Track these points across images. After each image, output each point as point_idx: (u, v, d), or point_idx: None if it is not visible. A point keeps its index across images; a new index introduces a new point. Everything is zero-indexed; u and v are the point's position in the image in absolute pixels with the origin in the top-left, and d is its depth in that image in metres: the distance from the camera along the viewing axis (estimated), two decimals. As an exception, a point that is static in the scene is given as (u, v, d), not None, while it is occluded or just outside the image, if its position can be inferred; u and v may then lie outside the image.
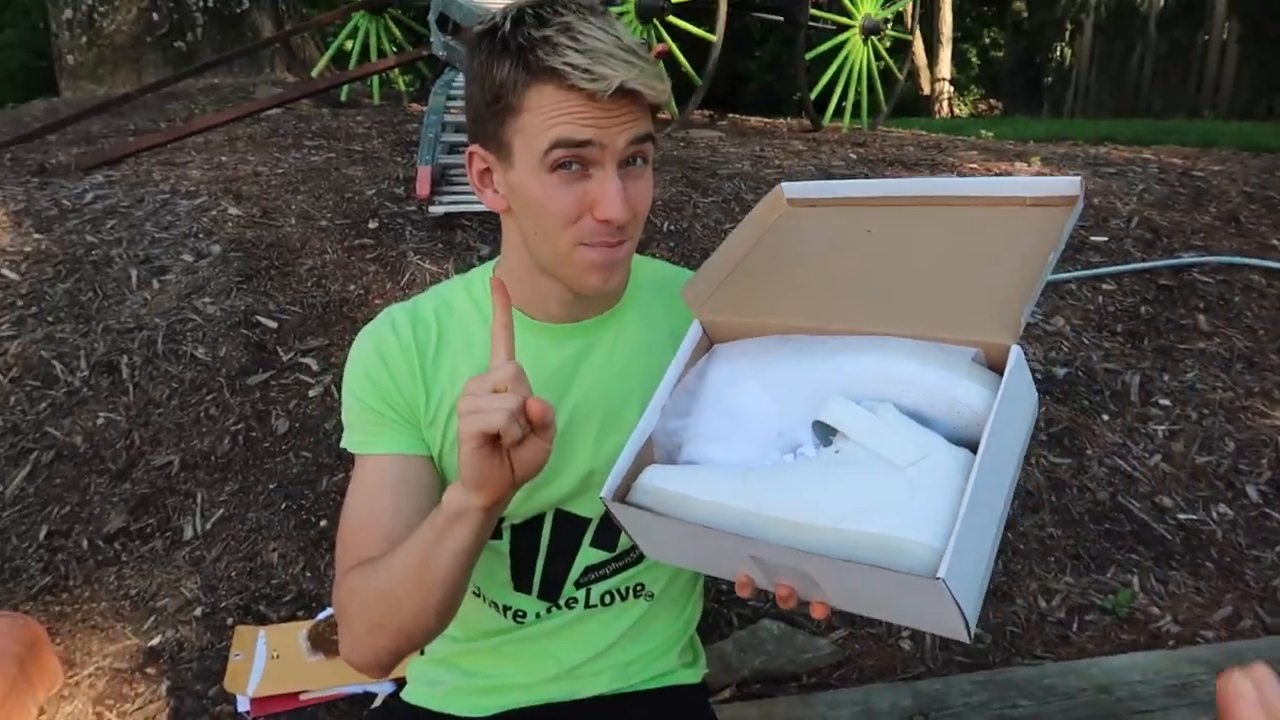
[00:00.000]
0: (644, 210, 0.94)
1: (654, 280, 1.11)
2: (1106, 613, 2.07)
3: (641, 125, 0.89)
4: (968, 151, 4.41)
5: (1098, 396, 2.68)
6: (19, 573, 2.02)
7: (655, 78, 0.87)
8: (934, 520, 0.71)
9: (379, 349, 1.02)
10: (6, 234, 2.93)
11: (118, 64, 6.12)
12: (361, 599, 0.92)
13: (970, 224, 0.92)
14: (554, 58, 0.84)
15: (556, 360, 1.02)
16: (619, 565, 1.12)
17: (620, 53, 0.85)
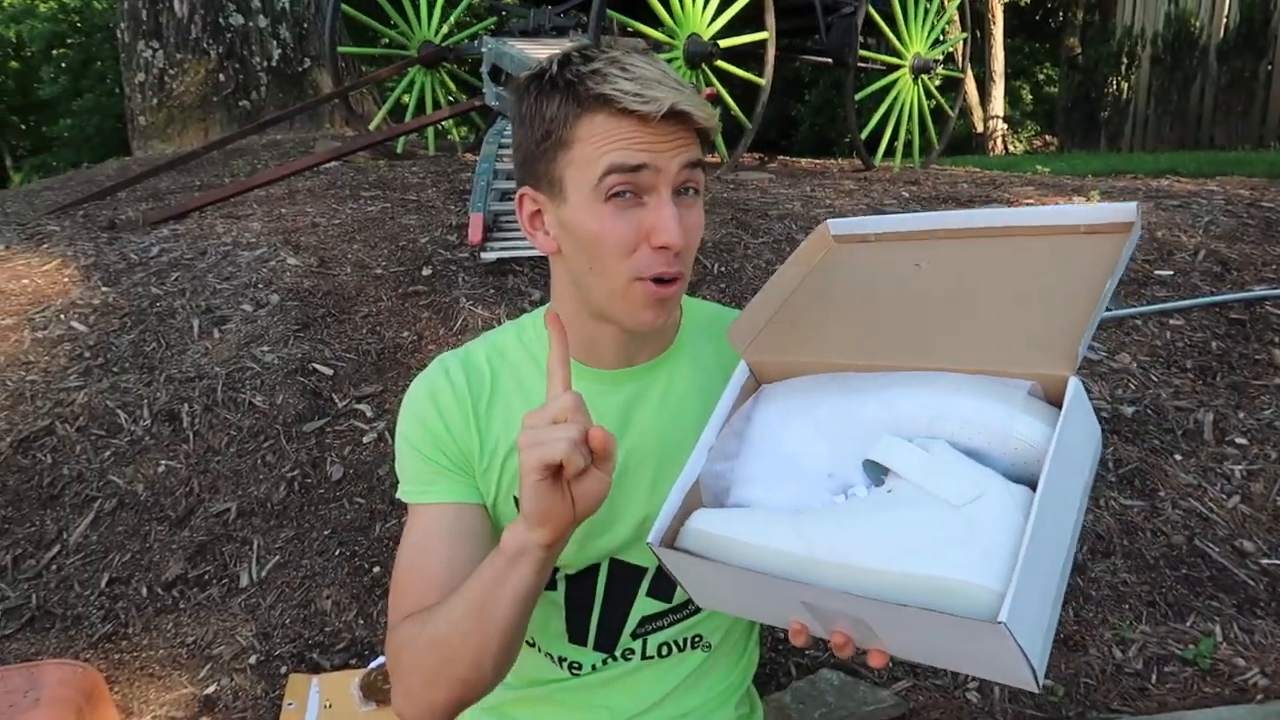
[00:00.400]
0: (696, 242, 0.93)
1: (704, 322, 1.10)
2: (1187, 664, 1.97)
3: (693, 150, 0.90)
4: (1024, 187, 4.34)
5: (1169, 436, 2.58)
6: (80, 620, 2.05)
7: (703, 104, 0.88)
8: (994, 561, 0.68)
9: (433, 396, 1.01)
10: (77, 287, 3.03)
11: (186, 123, 6.36)
12: (415, 650, 0.89)
13: (1023, 254, 0.90)
14: (604, 85, 0.85)
15: (609, 407, 1.01)
16: (676, 617, 1.09)
17: (668, 80, 0.87)
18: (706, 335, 1.08)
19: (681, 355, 1.06)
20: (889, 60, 5.38)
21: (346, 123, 6.20)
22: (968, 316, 0.86)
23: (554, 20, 4.69)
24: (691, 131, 0.89)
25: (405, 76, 5.35)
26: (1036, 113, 15.43)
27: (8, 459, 2.38)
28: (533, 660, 1.11)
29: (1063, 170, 5.89)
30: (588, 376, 1.00)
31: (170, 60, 6.29)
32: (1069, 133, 10.95)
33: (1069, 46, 14.16)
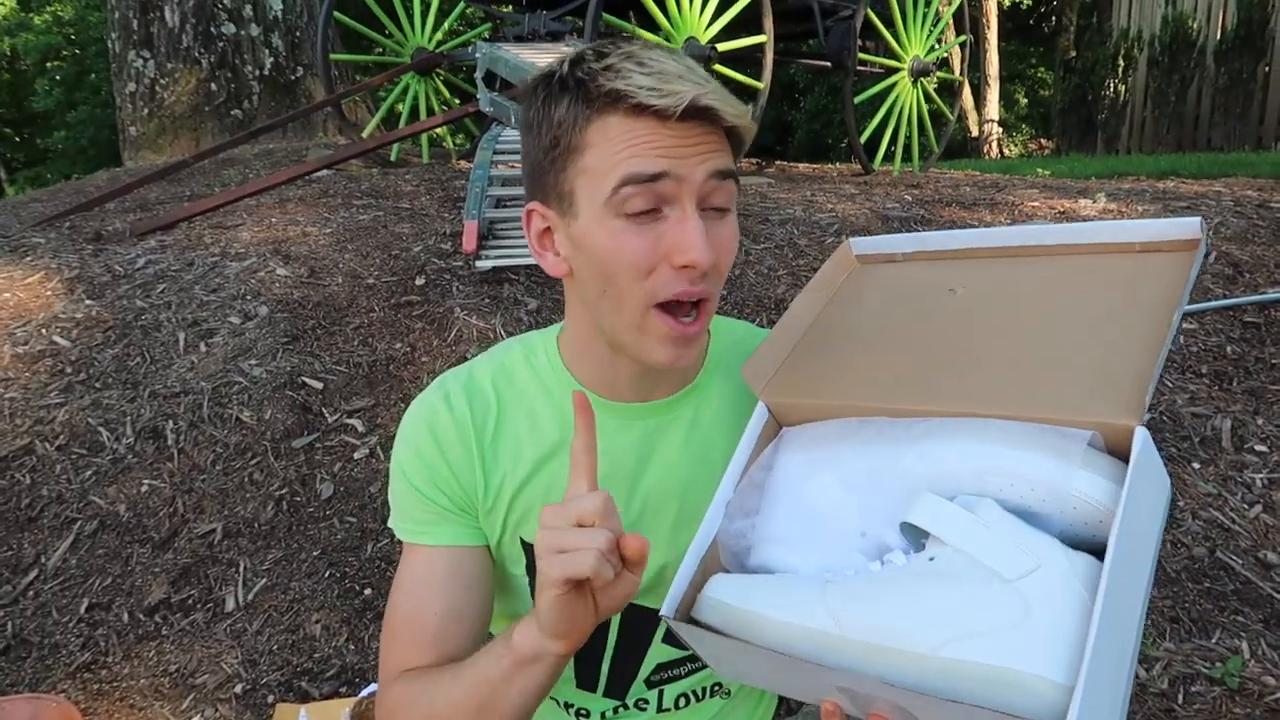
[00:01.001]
0: (727, 262, 0.82)
1: (733, 345, 0.99)
2: (1215, 683, 1.89)
3: (722, 157, 0.79)
4: (1027, 190, 4.27)
5: (1185, 443, 2.50)
6: (58, 649, 1.96)
7: (735, 101, 0.77)
8: (1057, 647, 0.58)
9: (432, 428, 0.91)
10: (60, 301, 2.94)
11: (178, 133, 6.28)
12: (411, 717, 0.83)
13: (1073, 277, 0.77)
14: (617, 80, 0.75)
15: (627, 443, 0.92)
16: (695, 665, 1.01)
17: (692, 74, 0.76)
18: (737, 361, 0.96)
19: (709, 386, 0.96)
20: (888, 63, 5.32)
21: (340, 131, 6.13)
22: (1012, 351, 0.75)
23: (549, 25, 4.63)
24: (720, 134, 0.78)
25: (399, 84, 5.28)
26: (1031, 116, 15.41)
27: (-15, 479, 2.30)
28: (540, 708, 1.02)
29: (1063, 173, 5.83)
30: (605, 410, 0.90)
31: (161, 70, 6.22)
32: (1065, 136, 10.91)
33: (1064, 49, 14.14)
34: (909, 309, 0.86)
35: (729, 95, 0.77)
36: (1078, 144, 10.28)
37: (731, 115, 0.77)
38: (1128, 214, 3.75)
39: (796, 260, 3.22)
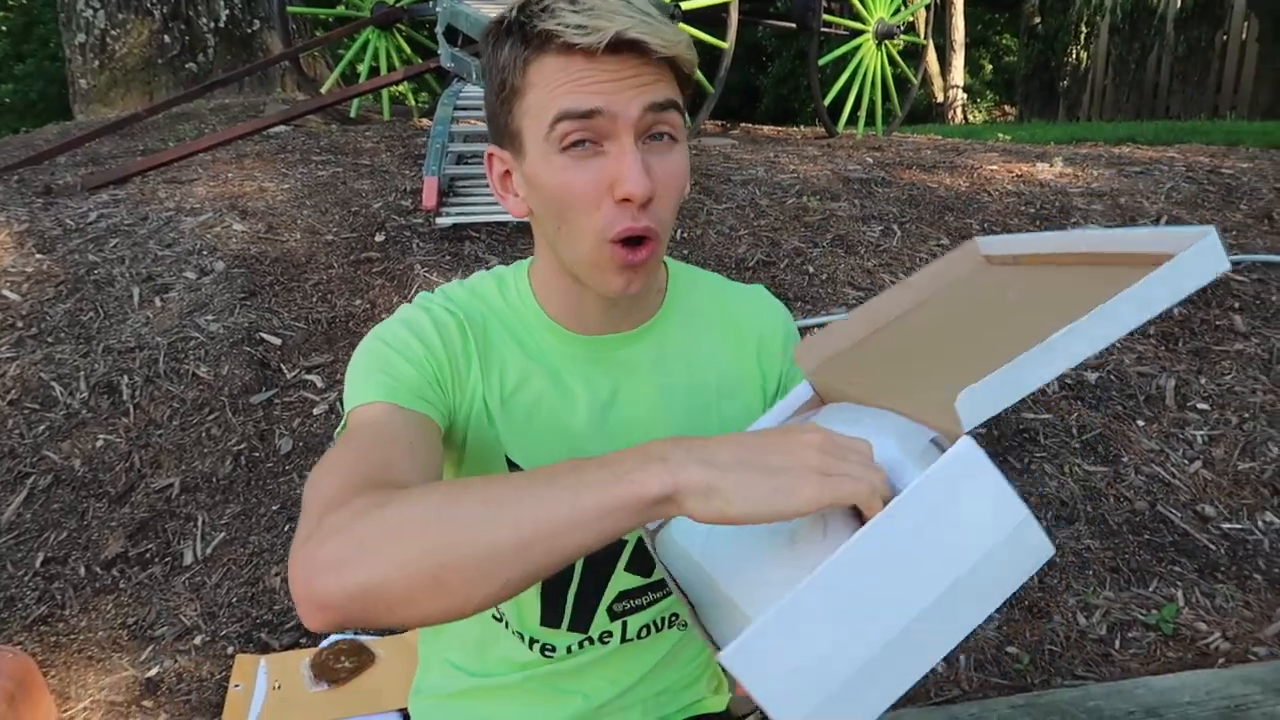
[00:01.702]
0: (673, 192, 0.83)
1: (690, 286, 1.02)
2: (1150, 629, 1.96)
3: (659, 89, 0.79)
4: (987, 154, 4.31)
5: (1131, 401, 2.58)
6: (13, 602, 1.95)
7: (667, 32, 0.77)
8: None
9: (433, 317, 0.90)
10: (9, 255, 2.89)
11: (130, 87, 6.12)
12: (392, 517, 0.62)
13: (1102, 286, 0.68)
14: (549, 20, 0.76)
15: (598, 374, 0.95)
16: (656, 595, 1.03)
17: (625, 9, 0.76)
18: (693, 301, 1.01)
19: (669, 321, 0.99)
20: (852, 25, 5.32)
21: (298, 86, 6.01)
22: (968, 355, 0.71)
23: (511, -20, 4.56)
24: (656, 65, 0.79)
25: (358, 39, 5.18)
26: (995, 83, 15.47)
27: (-65, 434, 2.27)
28: (503, 640, 1.03)
29: (1023, 139, 5.89)
30: (574, 342, 0.93)
31: (112, 20, 6.04)
32: (1028, 102, 11.00)
33: (1029, 15, 14.20)
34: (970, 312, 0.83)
35: (663, 26, 0.77)
36: (1040, 110, 10.38)
37: (661, 46, 0.77)
38: (1083, 178, 3.80)
39: (758, 220, 3.23)
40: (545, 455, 0.93)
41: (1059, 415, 2.50)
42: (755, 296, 1.05)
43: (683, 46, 0.79)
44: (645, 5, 0.78)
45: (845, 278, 2.93)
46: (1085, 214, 3.42)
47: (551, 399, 0.94)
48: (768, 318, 1.03)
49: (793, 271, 2.95)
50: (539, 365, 0.94)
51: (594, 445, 0.95)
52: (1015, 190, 3.64)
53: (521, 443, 0.93)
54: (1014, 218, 3.39)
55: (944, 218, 3.37)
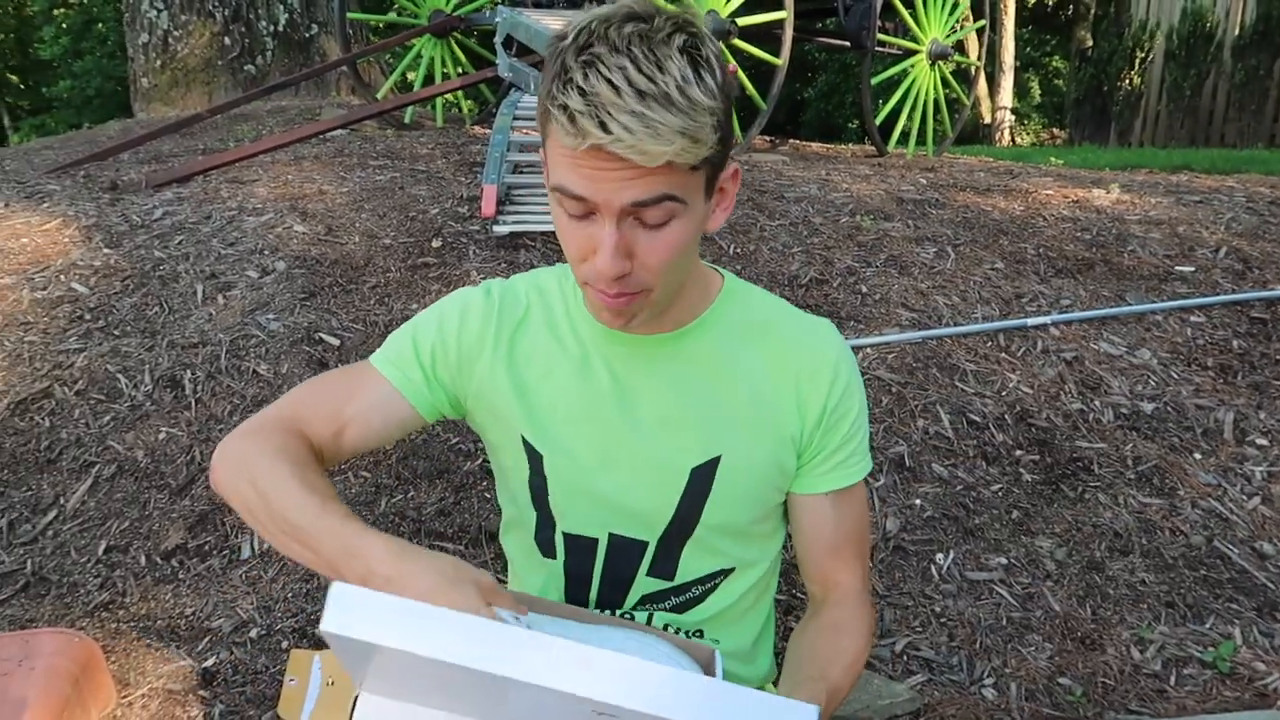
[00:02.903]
0: (659, 263, 0.86)
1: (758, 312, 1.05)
2: (1207, 666, 1.93)
3: (644, 186, 0.81)
4: (1041, 178, 4.28)
5: (1188, 434, 2.54)
6: (76, 588, 2.00)
7: (658, 138, 0.77)
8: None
9: (464, 308, 1.03)
10: (77, 248, 2.96)
11: (190, 86, 6.26)
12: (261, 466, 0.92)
13: None
14: (560, 96, 0.79)
15: (625, 369, 1.00)
16: (679, 598, 1.05)
17: (629, 101, 0.77)
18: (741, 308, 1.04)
19: (711, 327, 1.01)
20: (907, 45, 5.31)
21: (353, 91, 6.11)
22: None
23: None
24: (637, 167, 0.79)
25: (415, 46, 5.26)
26: (1044, 105, 15.34)
27: (4, 421, 2.33)
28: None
29: (1075, 163, 5.83)
30: (609, 336, 0.99)
31: (175, 22, 6.18)
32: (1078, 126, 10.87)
33: (1080, 39, 14.05)
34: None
35: (653, 135, 0.77)
36: (1090, 135, 10.26)
37: (641, 159, 0.78)
38: (1140, 206, 3.76)
39: (811, 238, 3.24)
40: (561, 438, 1.00)
41: (1114, 445, 2.47)
42: (813, 328, 1.05)
43: (675, 151, 0.79)
44: (652, 100, 0.77)
45: (899, 299, 2.92)
46: (1143, 242, 3.38)
47: (577, 387, 0.99)
48: (818, 348, 1.02)
49: (845, 290, 2.95)
50: (569, 355, 1.00)
51: (612, 432, 0.99)
52: (1071, 216, 3.61)
53: (539, 425, 1.01)
54: (1069, 243, 3.36)
55: (999, 241, 3.35)
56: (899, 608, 2.03)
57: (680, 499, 1.00)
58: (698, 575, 1.04)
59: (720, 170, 0.88)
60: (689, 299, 1.00)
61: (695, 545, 1.02)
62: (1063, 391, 2.63)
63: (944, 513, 2.25)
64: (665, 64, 0.78)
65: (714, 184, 0.88)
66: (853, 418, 1.02)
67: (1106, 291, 3.07)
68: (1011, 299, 2.99)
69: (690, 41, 0.80)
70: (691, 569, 1.03)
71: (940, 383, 2.60)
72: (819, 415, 1.00)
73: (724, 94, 0.82)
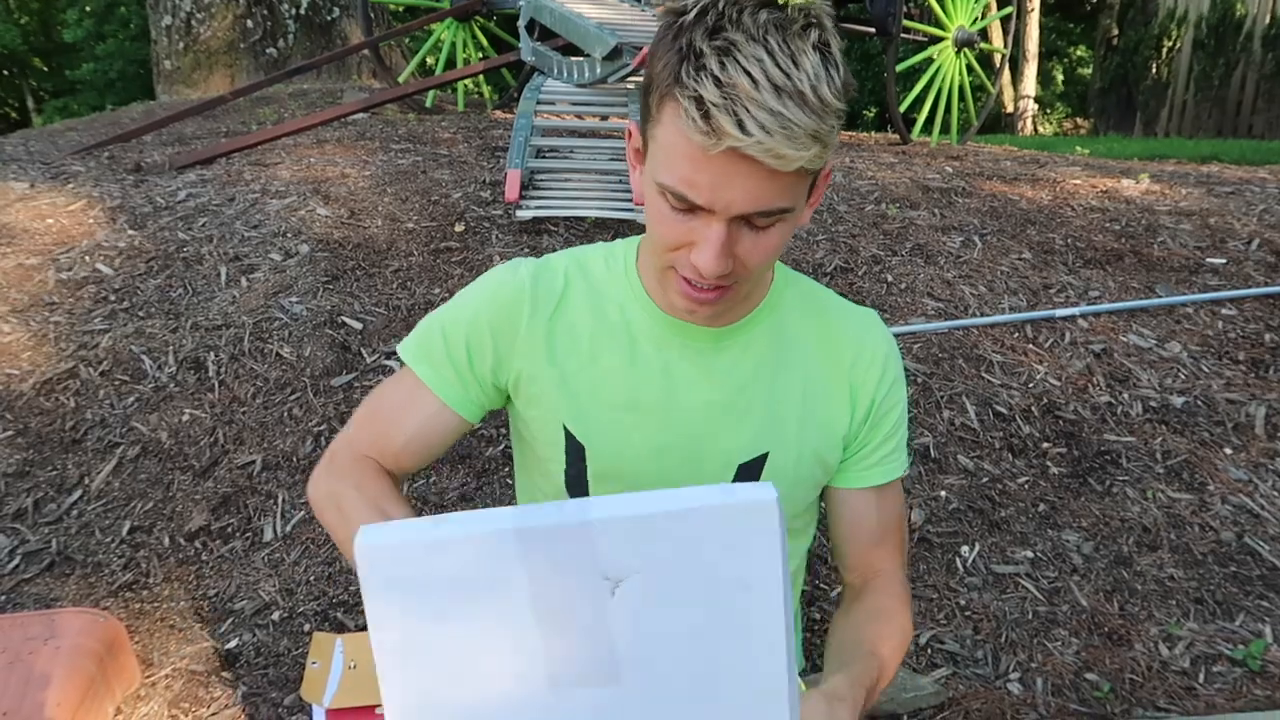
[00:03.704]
0: (758, 264, 0.85)
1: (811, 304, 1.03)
2: (1237, 664, 1.90)
3: (769, 197, 0.78)
4: (1069, 167, 4.22)
5: (1219, 428, 2.50)
6: (101, 568, 2.01)
7: (793, 141, 0.74)
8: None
9: (495, 291, 0.99)
10: (102, 229, 2.97)
11: (212, 69, 6.27)
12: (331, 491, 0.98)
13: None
14: (691, 84, 0.74)
15: (677, 357, 0.97)
16: None
17: (767, 98, 0.72)
18: (794, 301, 1.02)
19: (765, 320, 0.99)
20: (932, 31, 5.24)
21: (375, 75, 6.10)
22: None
23: (593, -24, 4.57)
24: (770, 171, 0.75)
25: (436, 30, 5.24)
26: (1068, 94, 15.15)
27: (30, 401, 2.34)
28: None
29: (1101, 153, 5.76)
30: (661, 321, 0.97)
31: (198, 4, 6.18)
32: (1103, 116, 10.75)
33: (1106, 28, 13.87)
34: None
35: (791, 140, 0.73)
36: (1115, 124, 10.14)
37: (778, 164, 0.74)
38: (1170, 196, 3.71)
39: (836, 226, 3.21)
40: (606, 427, 0.97)
41: (1143, 439, 2.44)
42: (862, 319, 1.03)
43: (809, 157, 0.76)
44: (788, 98, 0.73)
45: (924, 288, 2.89)
46: (1173, 233, 3.33)
47: (624, 373, 0.96)
48: (869, 340, 1.01)
49: (871, 279, 2.92)
50: (616, 340, 0.97)
51: (659, 422, 0.96)
52: (1100, 206, 3.56)
53: (582, 414, 0.97)
54: (1098, 234, 3.32)
55: (1026, 231, 3.30)
56: (924, 600, 2.01)
57: None
58: None
59: (825, 167, 0.85)
60: (759, 289, 0.99)
61: None
62: (1091, 384, 2.59)
63: (969, 505, 2.23)
64: (800, 59, 0.74)
65: (815, 184, 0.86)
66: (899, 412, 1.01)
67: (1136, 283, 3.03)
68: (1039, 289, 2.96)
69: (823, 36, 0.76)
70: None
71: (966, 373, 2.58)
72: (868, 408, 0.99)
73: (848, 91, 0.78)
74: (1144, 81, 9.58)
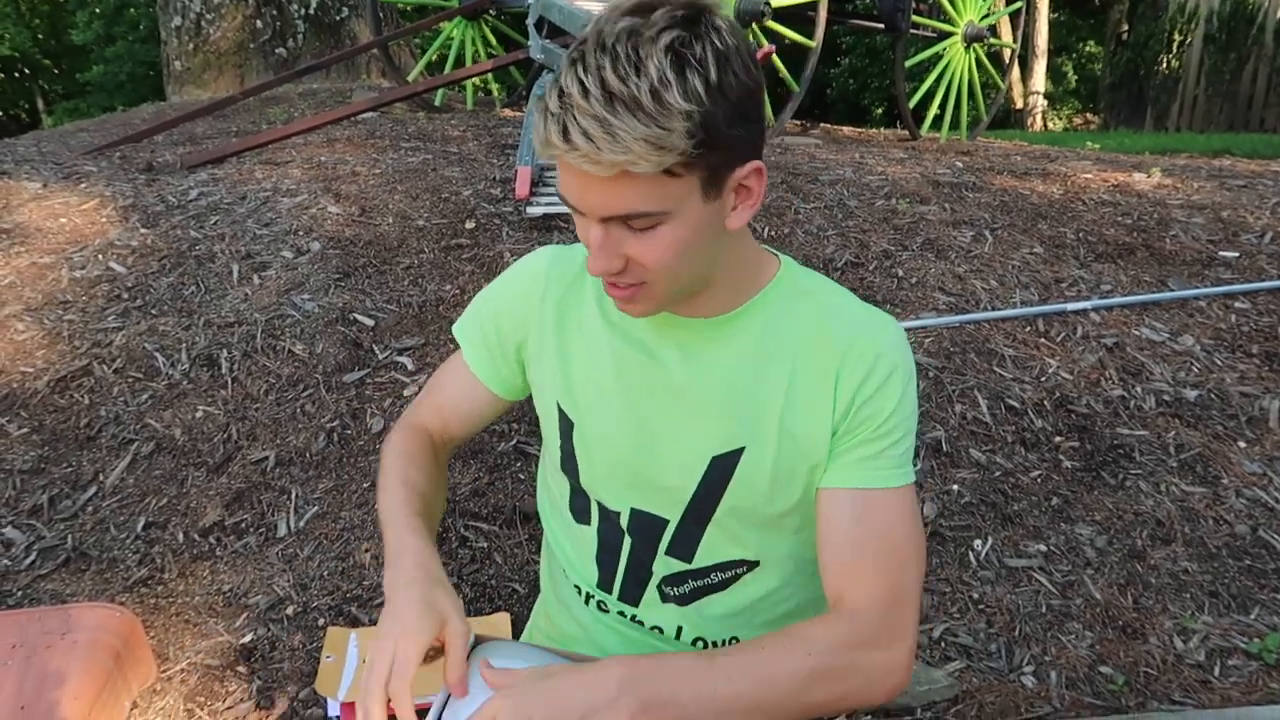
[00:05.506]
0: (654, 263, 0.84)
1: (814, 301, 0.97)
2: (1252, 657, 1.90)
3: (617, 202, 0.79)
4: (1079, 162, 4.21)
5: (1232, 422, 2.49)
6: (116, 563, 2.02)
7: (618, 146, 0.74)
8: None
9: (519, 272, 1.07)
10: (114, 228, 2.98)
11: (222, 69, 6.29)
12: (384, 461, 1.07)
13: None
14: (545, 96, 0.78)
15: (665, 346, 0.98)
16: (698, 584, 1.03)
17: (596, 106, 0.74)
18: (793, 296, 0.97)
19: (756, 314, 0.96)
20: (942, 27, 5.23)
21: (384, 74, 6.12)
22: None
23: (601, -27, 4.57)
24: (615, 176, 0.76)
25: (445, 29, 5.25)
26: (1077, 90, 15.08)
27: (44, 398, 2.35)
28: (564, 586, 1.12)
29: (1112, 147, 5.74)
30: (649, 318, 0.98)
31: (208, 5, 6.21)
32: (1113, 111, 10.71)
33: (1115, 23, 13.80)
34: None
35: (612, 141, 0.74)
36: (1125, 120, 10.10)
37: (595, 170, 0.76)
38: (1183, 190, 3.69)
39: (846, 221, 3.20)
40: (591, 407, 1.01)
41: (1155, 433, 2.43)
42: (869, 323, 0.96)
43: (632, 159, 0.75)
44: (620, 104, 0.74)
45: (935, 282, 2.89)
46: (1185, 227, 3.31)
47: (611, 357, 0.98)
48: (864, 338, 0.94)
49: (881, 274, 2.91)
50: (611, 324, 0.99)
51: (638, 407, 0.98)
52: (1111, 200, 3.55)
53: (572, 393, 1.02)
54: (1110, 228, 3.30)
55: (1037, 225, 3.29)
56: (936, 594, 2.01)
57: (699, 484, 0.97)
58: (716, 561, 1.01)
59: (725, 170, 0.82)
60: (731, 286, 0.95)
61: (716, 529, 0.99)
62: (1103, 378, 2.58)
63: (982, 499, 2.22)
64: (646, 64, 0.74)
65: (720, 184, 0.82)
66: (885, 415, 0.92)
67: (1148, 277, 3.01)
68: (1051, 283, 2.95)
69: (681, 39, 0.75)
70: (711, 554, 1.01)
71: (978, 368, 2.57)
72: (848, 404, 0.93)
73: (718, 93, 0.76)
74: (1154, 76, 9.53)
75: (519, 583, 1.98)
